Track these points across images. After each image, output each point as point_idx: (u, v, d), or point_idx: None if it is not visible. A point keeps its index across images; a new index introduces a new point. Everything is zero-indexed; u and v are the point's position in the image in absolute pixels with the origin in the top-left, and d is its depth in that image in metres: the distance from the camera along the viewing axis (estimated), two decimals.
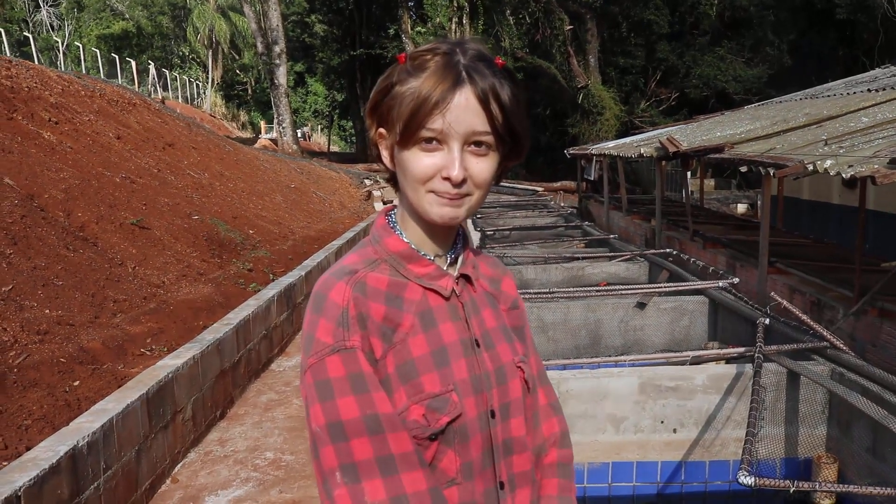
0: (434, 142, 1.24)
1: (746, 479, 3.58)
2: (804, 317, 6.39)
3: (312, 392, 1.23)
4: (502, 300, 1.50)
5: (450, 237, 1.39)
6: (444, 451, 1.27)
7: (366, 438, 1.19)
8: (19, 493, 3.47)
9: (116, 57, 43.85)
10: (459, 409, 1.28)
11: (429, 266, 1.35)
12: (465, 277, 1.40)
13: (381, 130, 1.33)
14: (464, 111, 1.23)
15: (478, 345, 1.36)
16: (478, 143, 1.26)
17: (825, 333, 6.00)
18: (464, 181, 1.25)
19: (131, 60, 43.91)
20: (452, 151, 1.24)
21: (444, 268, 1.38)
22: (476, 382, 1.32)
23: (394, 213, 1.41)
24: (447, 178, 1.24)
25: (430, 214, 1.29)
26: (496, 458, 1.34)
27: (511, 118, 1.27)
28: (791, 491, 3.62)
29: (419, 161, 1.25)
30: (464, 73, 1.24)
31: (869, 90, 12.81)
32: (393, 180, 1.40)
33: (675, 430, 5.72)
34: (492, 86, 1.25)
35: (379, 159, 1.39)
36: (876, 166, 6.00)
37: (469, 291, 1.41)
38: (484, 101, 1.24)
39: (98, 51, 44.41)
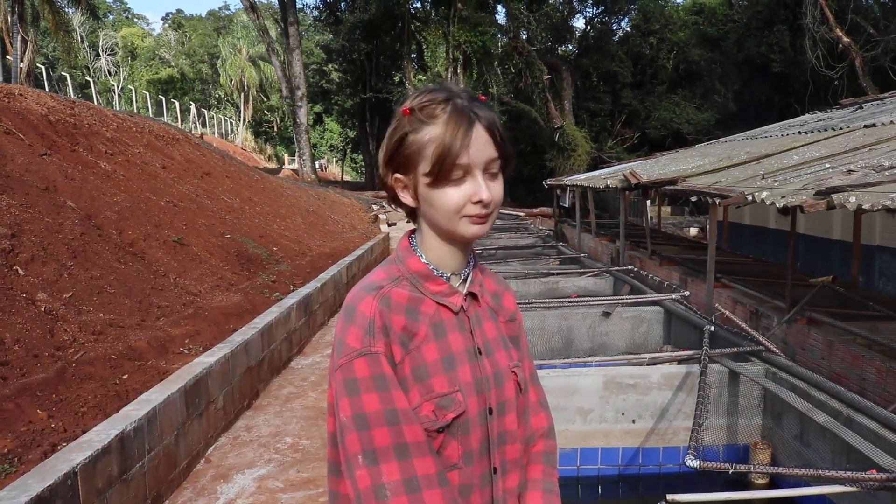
0: (460, 174, 1.27)
1: (693, 462, 3.61)
2: (743, 325, 6.42)
3: (341, 388, 1.24)
4: (502, 313, 1.49)
5: (465, 257, 1.40)
6: (448, 441, 1.29)
7: (385, 429, 1.21)
8: (76, 470, 3.48)
9: (163, 98, 43.99)
10: (463, 406, 1.29)
11: (443, 285, 1.36)
12: (471, 295, 1.41)
13: (398, 175, 1.33)
14: (481, 144, 1.28)
15: (480, 352, 1.37)
16: (490, 168, 1.30)
17: (760, 339, 6.04)
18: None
19: (175, 101, 43.99)
20: (477, 179, 1.28)
21: (457, 285, 1.39)
22: (478, 384, 1.33)
23: (415, 237, 1.40)
24: (478, 202, 1.28)
25: (465, 235, 1.31)
26: (491, 448, 1.35)
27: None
28: (730, 472, 3.65)
29: (451, 196, 1.28)
30: (472, 114, 1.28)
31: (800, 132, 12.89)
32: (412, 214, 1.39)
33: (633, 421, 5.74)
34: (493, 118, 1.31)
35: (395, 201, 1.38)
36: (804, 197, 6.05)
37: (475, 307, 1.41)
38: (491, 132, 1.29)
39: (147, 93, 44.56)
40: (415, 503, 1.20)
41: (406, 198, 1.35)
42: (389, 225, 21.43)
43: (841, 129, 11.20)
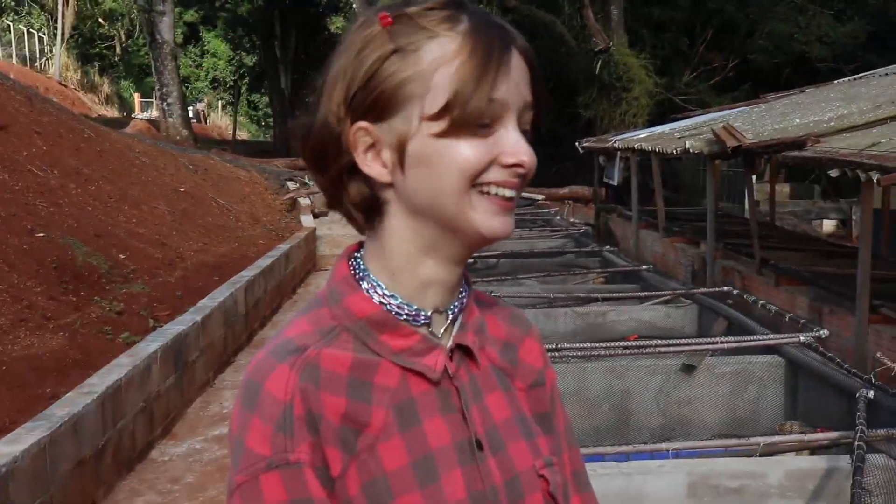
0: (487, 119, 1.20)
1: None
2: None
3: None
4: (520, 375, 1.44)
5: (458, 283, 1.35)
6: None
7: None
8: None
9: None
10: None
11: (411, 336, 1.29)
12: (463, 349, 1.35)
13: (365, 124, 1.24)
14: (519, 77, 1.23)
15: (480, 447, 1.31)
16: (524, 119, 1.26)
17: None
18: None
19: None
20: (510, 131, 1.23)
21: (440, 331, 1.33)
22: (478, 502, 1.28)
23: (361, 256, 1.35)
24: (513, 165, 1.22)
25: (482, 229, 1.24)
26: None
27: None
28: None
29: (463, 152, 1.21)
30: (505, 30, 1.24)
31: None
32: (369, 208, 1.31)
33: None
34: (529, 46, 1.27)
35: (335, 182, 1.30)
36: None
37: (469, 368, 1.36)
38: (530, 63, 1.26)
39: None
40: None
41: (374, 165, 1.26)
42: (317, 215, 21.35)
43: None
